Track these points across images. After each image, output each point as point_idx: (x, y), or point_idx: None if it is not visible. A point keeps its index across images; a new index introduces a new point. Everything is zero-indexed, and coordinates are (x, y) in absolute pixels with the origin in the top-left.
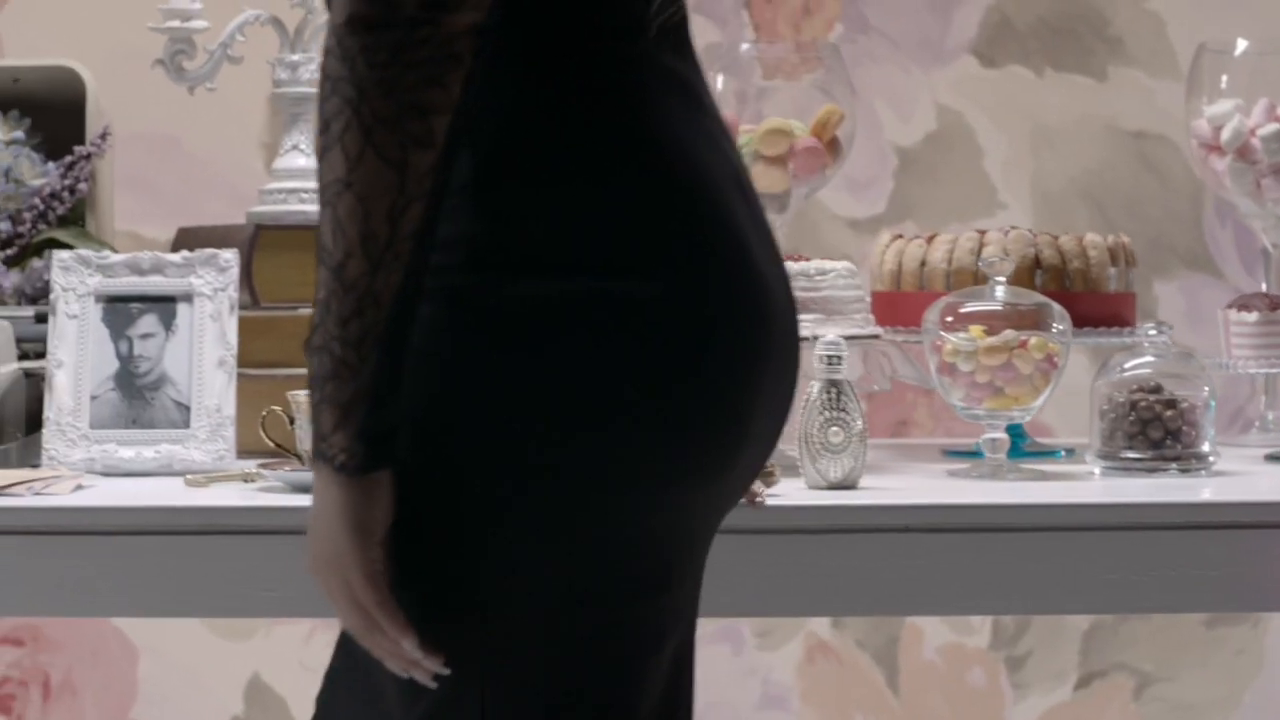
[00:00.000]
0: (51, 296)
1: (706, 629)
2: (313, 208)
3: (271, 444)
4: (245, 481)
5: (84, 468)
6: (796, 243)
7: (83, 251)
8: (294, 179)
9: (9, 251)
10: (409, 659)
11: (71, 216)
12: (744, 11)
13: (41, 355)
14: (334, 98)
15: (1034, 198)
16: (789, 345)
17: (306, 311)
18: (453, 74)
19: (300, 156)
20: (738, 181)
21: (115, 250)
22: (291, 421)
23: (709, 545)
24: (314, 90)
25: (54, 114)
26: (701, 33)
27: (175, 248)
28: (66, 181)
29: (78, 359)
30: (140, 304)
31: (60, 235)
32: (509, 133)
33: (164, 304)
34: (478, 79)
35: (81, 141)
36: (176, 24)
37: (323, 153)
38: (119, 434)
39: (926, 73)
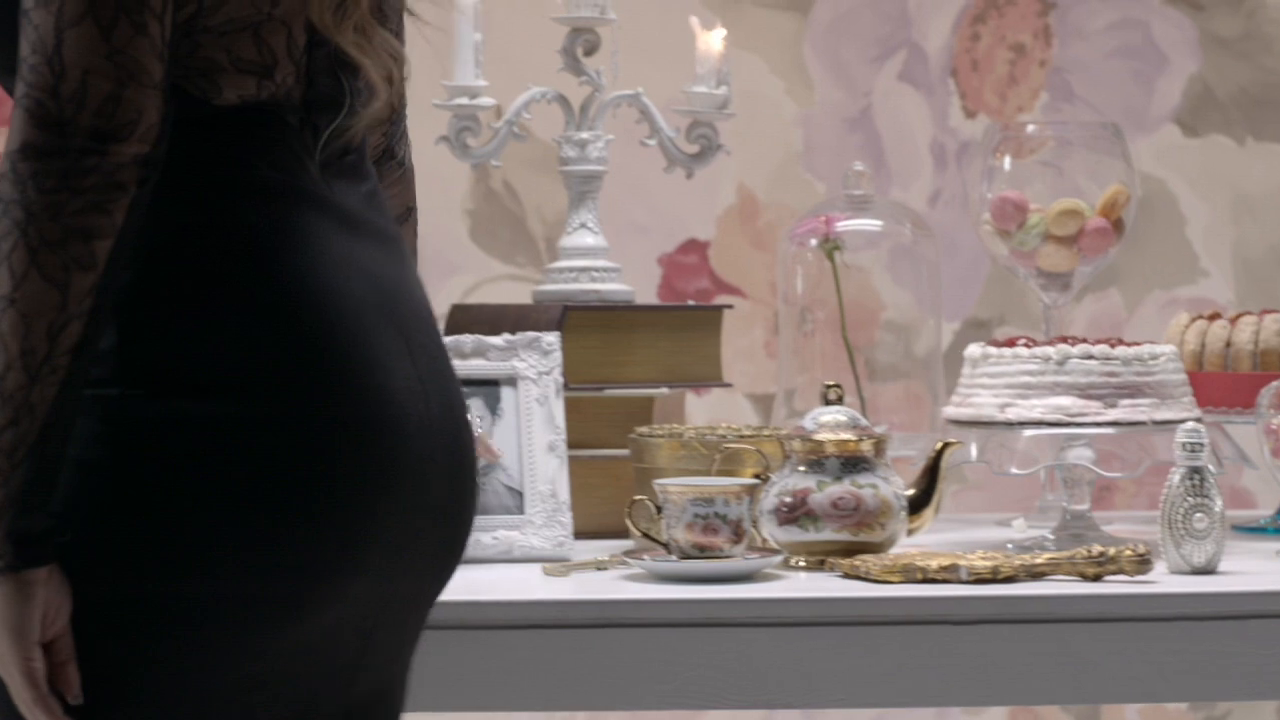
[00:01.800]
0: None
1: None
2: (608, 286)
3: (638, 533)
4: (598, 569)
5: None
6: (1000, 309)
7: None
8: (583, 257)
9: None
10: None
11: None
12: (950, 80)
13: None
14: (4, 219)
15: (1235, 265)
16: (429, 470)
17: (615, 392)
18: (117, 201)
19: (589, 235)
20: (388, 308)
21: None
22: (659, 510)
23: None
24: (603, 168)
25: None
26: (908, 102)
27: (450, 324)
28: None
29: None
30: (465, 388)
31: None
32: (155, 256)
33: (488, 387)
34: (143, 204)
35: None
36: (464, 101)
37: None
38: None
39: (1130, 141)
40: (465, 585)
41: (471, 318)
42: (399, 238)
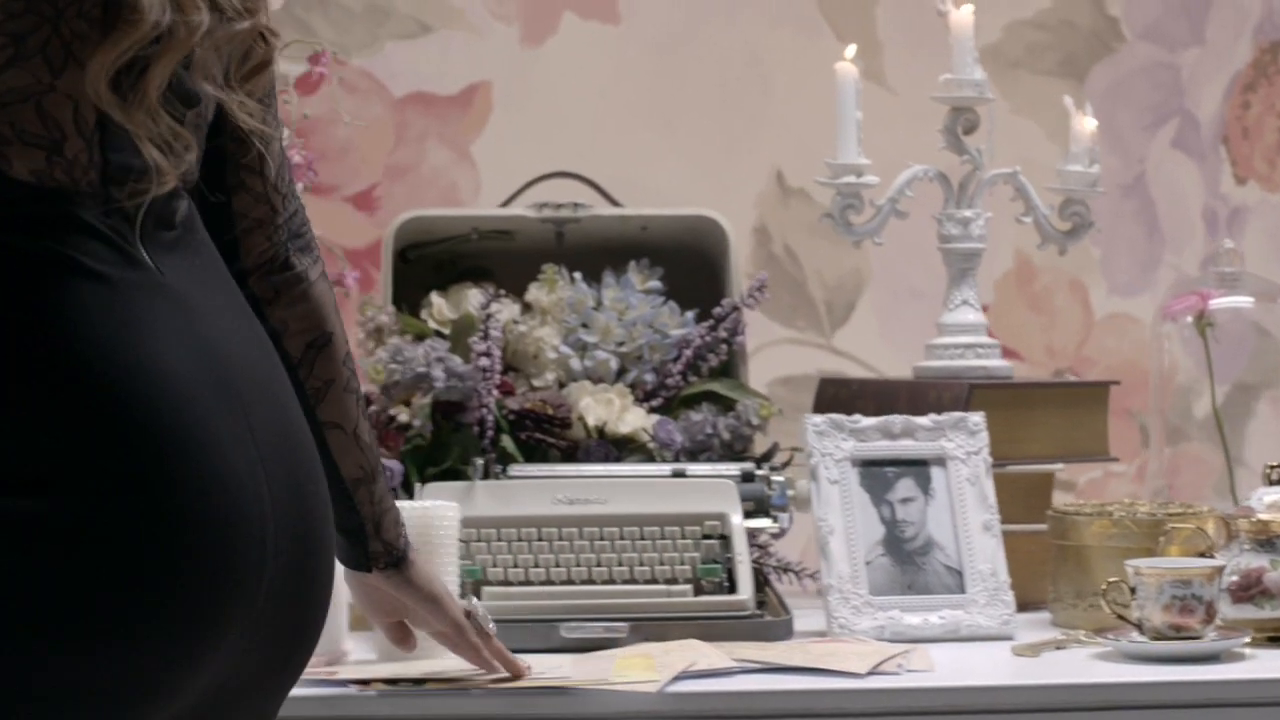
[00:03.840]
0: (811, 461)
1: None
2: (993, 363)
3: (1112, 613)
4: (1057, 649)
5: (873, 635)
6: (1265, 373)
7: (834, 416)
8: (966, 334)
9: (654, 403)
10: None
11: (720, 367)
12: (1221, 147)
13: (750, 514)
14: None
15: None
16: (270, 555)
17: (1019, 468)
18: None
19: (970, 311)
20: (225, 385)
21: (771, 401)
22: (1133, 591)
23: None
24: (983, 246)
25: (673, 260)
26: (1180, 169)
27: (820, 398)
28: (719, 333)
29: (846, 524)
30: (895, 468)
31: (716, 387)
32: None
33: (918, 467)
34: None
35: (712, 290)
36: (850, 179)
37: None
38: (900, 600)
39: None
40: (955, 670)
41: (850, 392)
42: (244, 312)
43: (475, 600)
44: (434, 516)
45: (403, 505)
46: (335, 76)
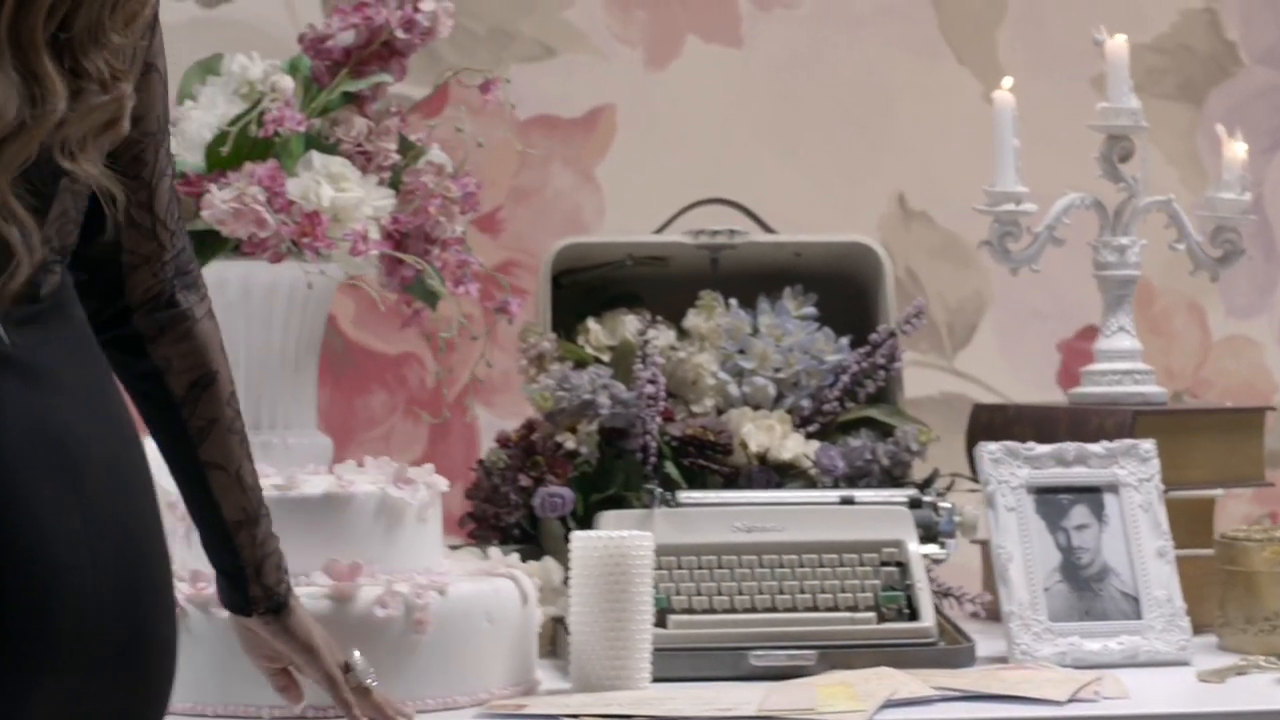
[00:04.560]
0: (987, 489)
1: None
2: (1149, 389)
3: None
4: (1238, 674)
5: (1055, 661)
6: None
7: (1009, 444)
8: (1123, 360)
9: (810, 428)
10: None
11: (876, 393)
12: None
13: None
14: None
15: None
16: (90, 620)
17: (1181, 494)
18: None
19: (1126, 338)
20: (53, 456)
21: (928, 427)
22: None
23: None
24: (1138, 273)
25: (824, 286)
26: None
27: (973, 424)
28: (876, 359)
29: (1024, 551)
30: (1069, 495)
31: (874, 413)
32: None
33: (1091, 494)
34: None
35: (861, 315)
36: (1010, 207)
37: None
38: (1078, 626)
39: None
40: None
41: (1007, 418)
42: (102, 387)
43: (356, 654)
44: (630, 547)
45: (595, 535)
46: (461, 98)
